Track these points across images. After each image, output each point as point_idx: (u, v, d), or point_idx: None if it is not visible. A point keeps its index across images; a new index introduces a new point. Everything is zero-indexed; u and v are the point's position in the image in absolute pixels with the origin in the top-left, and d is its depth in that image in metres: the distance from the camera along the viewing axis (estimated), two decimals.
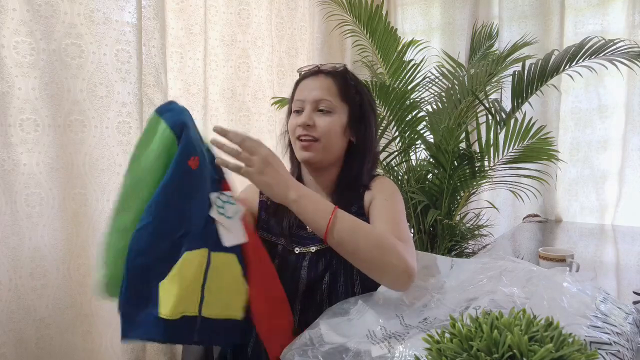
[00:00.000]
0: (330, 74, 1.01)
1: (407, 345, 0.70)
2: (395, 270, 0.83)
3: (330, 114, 0.98)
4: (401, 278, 0.84)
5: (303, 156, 0.99)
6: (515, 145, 1.75)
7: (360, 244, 0.84)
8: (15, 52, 1.29)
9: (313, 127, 0.97)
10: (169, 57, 1.70)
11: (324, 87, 0.99)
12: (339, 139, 1.00)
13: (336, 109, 0.99)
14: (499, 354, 0.49)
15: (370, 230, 0.88)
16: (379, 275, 0.86)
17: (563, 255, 1.23)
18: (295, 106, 1.01)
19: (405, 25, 2.73)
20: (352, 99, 1.01)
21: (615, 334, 0.68)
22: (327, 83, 1.00)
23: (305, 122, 0.96)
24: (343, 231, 0.84)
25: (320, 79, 1.00)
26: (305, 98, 0.99)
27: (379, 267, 0.85)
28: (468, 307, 0.74)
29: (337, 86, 1.00)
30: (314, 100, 0.98)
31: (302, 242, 1.00)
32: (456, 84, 1.87)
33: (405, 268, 0.83)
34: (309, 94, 0.99)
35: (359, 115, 1.02)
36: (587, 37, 1.55)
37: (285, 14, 2.19)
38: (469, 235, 1.86)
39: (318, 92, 0.98)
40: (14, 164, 1.30)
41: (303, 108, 0.99)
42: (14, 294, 1.30)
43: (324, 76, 1.01)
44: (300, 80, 1.04)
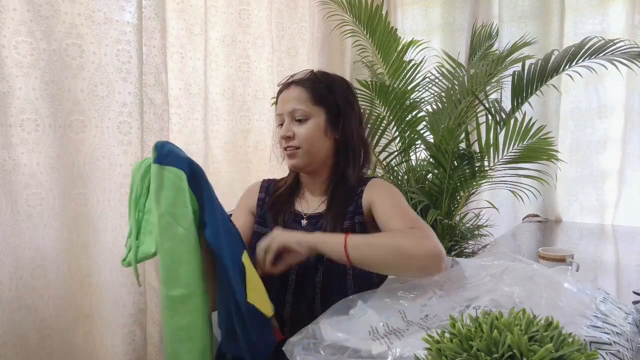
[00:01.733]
0: (299, 83, 1.07)
1: (405, 342, 0.70)
2: (421, 259, 0.86)
3: (306, 121, 1.04)
4: (429, 262, 0.86)
5: (290, 164, 1.07)
6: (515, 145, 1.75)
7: (379, 253, 0.89)
8: (15, 52, 1.29)
9: (293, 137, 1.04)
10: (170, 57, 1.70)
11: (295, 97, 1.05)
12: (322, 140, 1.05)
13: (311, 115, 1.04)
14: (499, 354, 0.49)
15: (383, 237, 0.93)
16: (410, 271, 0.89)
17: (563, 255, 1.23)
18: (277, 120, 1.09)
19: (405, 25, 2.73)
20: (324, 100, 1.06)
21: (615, 334, 0.68)
22: (297, 92, 1.05)
23: (285, 135, 1.04)
24: (360, 247, 0.89)
25: (292, 89, 1.06)
26: (282, 111, 1.06)
27: (405, 264, 0.88)
28: (469, 305, 0.75)
29: (307, 93, 1.05)
30: (289, 112, 1.05)
31: None
32: (456, 84, 1.87)
33: (428, 251, 0.86)
34: (284, 107, 1.06)
35: (335, 113, 1.07)
36: (587, 37, 1.55)
37: (285, 14, 2.19)
38: (469, 235, 1.87)
39: (291, 104, 1.05)
40: (15, 164, 1.30)
41: (283, 121, 1.06)
42: (15, 294, 1.30)
43: (294, 86, 1.07)
44: (278, 94, 1.10)
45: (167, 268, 0.76)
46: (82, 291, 1.44)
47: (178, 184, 0.76)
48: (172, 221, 0.75)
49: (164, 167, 0.76)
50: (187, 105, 1.79)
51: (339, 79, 1.12)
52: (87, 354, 1.46)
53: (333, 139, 1.07)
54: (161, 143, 0.78)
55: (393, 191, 1.05)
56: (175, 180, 0.76)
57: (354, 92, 1.13)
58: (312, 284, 1.00)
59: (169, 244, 0.76)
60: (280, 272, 0.94)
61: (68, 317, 1.41)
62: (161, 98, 1.57)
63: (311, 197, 1.12)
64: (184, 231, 0.76)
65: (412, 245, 0.87)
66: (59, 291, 1.39)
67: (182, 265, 0.76)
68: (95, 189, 1.45)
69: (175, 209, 0.76)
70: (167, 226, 0.75)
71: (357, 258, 0.88)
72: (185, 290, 0.76)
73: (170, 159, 0.77)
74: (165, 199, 0.76)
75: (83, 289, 1.45)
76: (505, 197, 2.30)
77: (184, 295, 0.76)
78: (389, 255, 0.88)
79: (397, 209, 0.99)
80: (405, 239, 0.89)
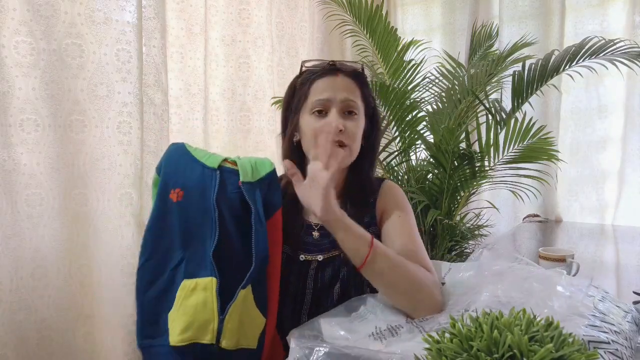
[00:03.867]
0: (349, 74, 0.95)
1: (400, 339, 0.70)
2: (425, 309, 0.81)
3: (356, 117, 0.93)
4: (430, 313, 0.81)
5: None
6: (515, 145, 1.75)
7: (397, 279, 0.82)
8: (15, 52, 1.29)
9: (343, 132, 0.89)
10: (170, 57, 1.70)
11: (348, 87, 0.92)
12: (359, 144, 0.95)
13: (359, 111, 0.94)
14: (499, 354, 0.49)
15: (408, 266, 0.84)
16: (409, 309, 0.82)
17: (563, 255, 1.23)
18: (316, 106, 0.92)
19: (406, 25, 2.73)
20: (368, 100, 0.97)
21: (614, 333, 0.68)
22: (348, 83, 0.93)
23: (338, 127, 0.88)
24: (383, 261, 0.81)
25: (341, 78, 0.93)
26: (331, 98, 0.91)
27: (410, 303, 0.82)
28: (467, 309, 0.75)
29: (357, 87, 0.94)
30: (341, 101, 0.91)
31: (307, 249, 0.97)
32: (456, 84, 1.87)
33: (435, 307, 0.82)
34: (334, 94, 0.91)
35: (372, 118, 0.98)
36: (587, 37, 1.55)
37: (285, 14, 2.19)
38: (469, 235, 1.87)
39: (345, 93, 0.92)
40: (15, 164, 1.30)
41: (327, 109, 0.92)
42: (15, 294, 1.30)
43: (343, 75, 0.94)
44: (315, 78, 0.94)
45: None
46: (82, 291, 1.44)
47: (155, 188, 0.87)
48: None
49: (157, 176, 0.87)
50: (187, 105, 1.79)
51: None
52: (87, 354, 1.45)
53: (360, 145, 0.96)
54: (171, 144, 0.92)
55: (405, 205, 0.98)
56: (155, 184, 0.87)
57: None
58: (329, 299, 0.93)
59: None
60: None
61: (68, 317, 1.41)
62: (161, 98, 1.57)
63: None
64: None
65: (427, 294, 0.82)
66: (59, 291, 1.39)
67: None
68: (95, 189, 1.45)
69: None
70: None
71: (372, 269, 0.80)
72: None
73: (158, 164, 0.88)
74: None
75: (83, 289, 1.44)
76: (505, 197, 2.30)
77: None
78: (404, 287, 0.82)
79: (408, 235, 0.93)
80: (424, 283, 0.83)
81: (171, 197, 0.83)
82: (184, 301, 0.79)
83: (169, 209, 0.84)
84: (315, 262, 0.95)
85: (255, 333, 0.84)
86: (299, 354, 0.65)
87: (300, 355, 0.65)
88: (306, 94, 0.94)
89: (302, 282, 0.95)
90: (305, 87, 0.95)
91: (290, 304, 0.95)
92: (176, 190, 0.84)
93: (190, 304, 0.79)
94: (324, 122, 0.91)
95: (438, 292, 0.84)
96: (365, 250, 0.80)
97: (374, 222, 0.98)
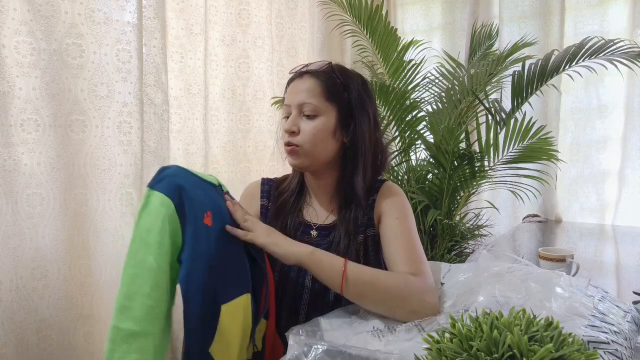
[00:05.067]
0: (314, 74, 0.96)
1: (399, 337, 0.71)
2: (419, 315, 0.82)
3: (315, 118, 0.94)
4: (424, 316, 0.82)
5: (290, 162, 0.97)
6: (515, 145, 1.75)
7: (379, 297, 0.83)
8: (16, 52, 1.29)
9: (297, 133, 0.94)
10: (170, 57, 1.70)
11: (308, 89, 0.94)
12: (327, 142, 0.95)
13: (322, 112, 0.94)
14: (499, 354, 0.49)
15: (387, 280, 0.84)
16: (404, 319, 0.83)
17: (563, 255, 1.23)
18: (283, 111, 0.99)
19: (406, 25, 2.73)
20: (338, 98, 0.96)
21: (614, 333, 0.68)
22: (310, 84, 0.95)
23: (289, 129, 0.94)
24: (360, 284, 0.83)
25: (305, 80, 0.96)
26: (291, 103, 0.96)
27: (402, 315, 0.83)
28: (467, 309, 0.75)
29: (322, 87, 0.95)
30: (297, 105, 0.95)
31: None
32: (456, 84, 1.87)
33: (429, 311, 0.82)
34: (293, 98, 0.96)
35: (347, 113, 0.97)
36: (587, 37, 1.55)
37: (285, 14, 2.19)
38: (469, 235, 1.86)
39: (302, 96, 0.94)
40: (15, 164, 1.30)
41: (290, 113, 0.96)
42: (15, 294, 1.30)
43: (309, 76, 0.96)
44: (289, 82, 1.00)
45: (123, 296, 0.69)
46: (82, 291, 1.44)
47: (159, 211, 0.70)
48: (141, 246, 0.69)
49: (153, 191, 0.72)
50: (187, 105, 1.79)
51: (356, 76, 1.01)
52: (87, 354, 1.46)
53: (341, 142, 0.97)
54: (165, 167, 0.76)
55: (404, 209, 0.97)
56: (158, 206, 0.71)
57: (370, 92, 1.02)
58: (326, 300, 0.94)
59: (132, 270, 0.69)
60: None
61: (68, 317, 1.41)
62: (161, 98, 1.57)
63: (318, 204, 1.03)
64: (153, 262, 0.69)
65: (416, 300, 0.83)
66: (59, 291, 1.39)
67: (139, 297, 0.68)
68: (96, 189, 1.45)
69: (149, 235, 0.69)
70: (135, 250, 0.70)
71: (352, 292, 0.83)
72: (136, 326, 0.68)
73: (162, 184, 0.73)
74: (143, 222, 0.71)
75: (83, 289, 1.45)
76: (505, 197, 2.30)
77: (132, 332, 0.68)
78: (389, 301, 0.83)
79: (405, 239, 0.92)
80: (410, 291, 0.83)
81: (206, 223, 0.75)
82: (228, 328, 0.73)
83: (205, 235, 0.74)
84: None
85: (259, 335, 0.85)
86: (297, 351, 0.65)
87: (299, 352, 0.65)
88: (283, 100, 1.01)
89: (301, 281, 0.96)
90: (284, 93, 1.01)
91: (288, 303, 0.96)
92: (208, 214, 0.76)
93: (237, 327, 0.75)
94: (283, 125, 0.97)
95: (430, 296, 0.84)
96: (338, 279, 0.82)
97: (372, 224, 0.98)
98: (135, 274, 0.69)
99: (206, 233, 0.74)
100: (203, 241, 0.73)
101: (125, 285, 0.69)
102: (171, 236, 0.71)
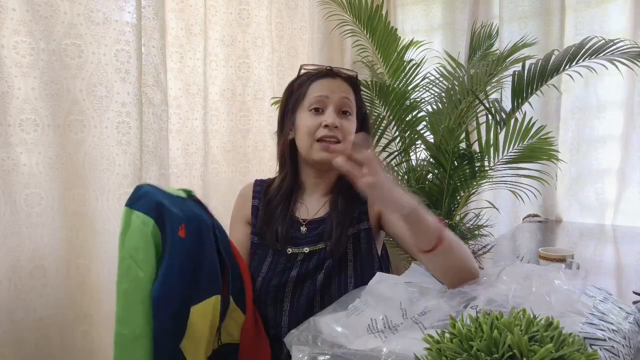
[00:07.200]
0: (347, 79, 1.02)
1: (399, 340, 0.70)
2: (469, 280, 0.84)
3: (351, 117, 1.00)
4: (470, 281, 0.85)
5: (324, 157, 0.96)
6: (515, 145, 1.75)
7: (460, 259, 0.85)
8: (14, 52, 1.28)
9: (339, 128, 0.95)
10: (169, 57, 1.70)
11: (344, 89, 0.99)
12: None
13: (353, 113, 1.01)
14: (499, 354, 0.49)
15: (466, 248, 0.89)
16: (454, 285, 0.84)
17: (563, 255, 1.23)
18: (313, 103, 0.98)
19: (406, 25, 2.72)
20: (360, 105, 1.04)
21: (611, 331, 0.68)
22: (345, 86, 1.00)
23: (334, 123, 0.94)
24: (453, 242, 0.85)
25: (339, 82, 1.01)
26: (329, 95, 0.97)
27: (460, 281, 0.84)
28: (467, 305, 0.74)
29: (352, 92, 1.02)
30: (339, 99, 0.97)
31: (295, 243, 1.00)
32: (456, 84, 1.87)
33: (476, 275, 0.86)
34: (332, 93, 0.97)
35: (362, 121, 1.04)
36: (587, 37, 1.55)
37: (285, 14, 2.19)
38: (469, 235, 1.86)
39: (342, 93, 0.98)
40: (14, 164, 1.30)
41: (325, 106, 0.97)
42: (14, 293, 1.30)
43: (341, 80, 1.01)
44: (315, 78, 1.01)
45: (122, 308, 0.77)
46: (80, 291, 1.44)
47: (143, 230, 0.76)
48: (132, 264, 0.76)
49: (132, 210, 0.77)
50: (187, 105, 1.79)
51: None
52: (86, 353, 1.45)
53: None
54: (139, 186, 0.80)
55: None
56: (141, 225, 0.77)
57: None
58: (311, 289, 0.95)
59: (127, 286, 0.77)
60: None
61: (67, 317, 1.41)
62: (160, 98, 1.57)
63: (310, 200, 1.05)
64: (144, 275, 0.76)
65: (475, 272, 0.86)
66: (58, 291, 1.39)
67: (137, 306, 0.76)
68: (94, 189, 1.45)
69: (137, 253, 0.76)
70: (127, 269, 0.76)
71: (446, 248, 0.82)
72: (138, 329, 0.76)
73: (140, 203, 0.78)
74: (129, 242, 0.77)
75: (82, 289, 1.44)
76: (505, 197, 2.30)
77: (135, 335, 0.77)
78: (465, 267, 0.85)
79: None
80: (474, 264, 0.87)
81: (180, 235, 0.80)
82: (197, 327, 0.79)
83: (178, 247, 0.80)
84: (302, 254, 0.98)
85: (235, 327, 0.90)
86: None
87: None
88: (304, 93, 1.00)
89: (287, 272, 0.97)
90: (303, 87, 1.01)
91: (272, 292, 0.97)
92: (182, 227, 0.81)
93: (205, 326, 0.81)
94: (322, 118, 0.96)
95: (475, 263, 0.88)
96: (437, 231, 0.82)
97: (365, 218, 1.01)
98: (129, 288, 0.77)
99: (180, 245, 0.79)
100: (177, 254, 0.79)
101: (122, 299, 0.77)
102: (156, 251, 0.78)
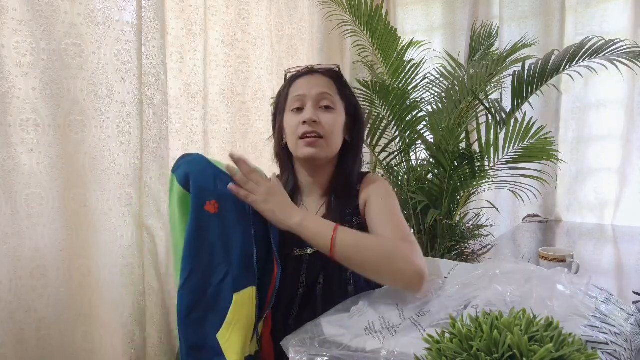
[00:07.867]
0: (326, 73, 1.01)
1: (397, 340, 0.70)
2: (405, 275, 0.84)
3: (332, 111, 0.98)
4: (413, 280, 0.83)
5: (308, 153, 0.97)
6: (515, 145, 1.75)
7: (367, 257, 0.85)
8: (15, 52, 1.28)
9: (318, 123, 0.95)
10: (169, 57, 1.70)
11: (323, 84, 0.99)
12: (339, 136, 1.00)
13: (336, 106, 0.99)
14: (499, 354, 0.49)
15: (374, 241, 0.89)
16: (391, 282, 0.86)
17: (563, 255, 1.23)
18: (293, 103, 0.99)
19: (406, 25, 2.73)
20: (346, 99, 1.02)
21: (614, 334, 0.68)
22: (325, 81, 1.00)
23: (311, 118, 0.95)
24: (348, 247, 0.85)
25: (317, 77, 1.00)
26: (307, 93, 0.97)
27: (389, 275, 0.85)
28: (467, 305, 0.74)
29: (334, 85, 1.00)
30: (316, 95, 0.97)
31: (299, 245, 0.99)
32: (456, 84, 1.87)
33: (415, 270, 0.83)
34: (309, 89, 0.98)
35: (354, 115, 1.03)
36: (587, 37, 1.55)
37: (285, 14, 2.19)
38: (469, 236, 1.86)
39: (320, 88, 0.98)
40: (14, 164, 1.30)
41: (303, 104, 0.98)
42: (14, 294, 1.30)
43: (319, 75, 1.01)
44: (294, 79, 1.02)
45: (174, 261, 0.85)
46: (81, 291, 1.44)
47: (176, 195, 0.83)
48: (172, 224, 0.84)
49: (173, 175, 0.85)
50: (187, 105, 1.79)
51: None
52: (87, 353, 1.45)
53: (343, 139, 1.02)
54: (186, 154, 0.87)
55: (387, 191, 1.01)
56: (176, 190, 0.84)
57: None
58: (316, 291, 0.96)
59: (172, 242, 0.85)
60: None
61: (67, 317, 1.41)
62: (160, 98, 1.57)
63: (310, 201, 1.05)
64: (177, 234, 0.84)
65: (402, 259, 0.84)
66: (59, 291, 1.39)
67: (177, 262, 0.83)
68: (95, 189, 1.45)
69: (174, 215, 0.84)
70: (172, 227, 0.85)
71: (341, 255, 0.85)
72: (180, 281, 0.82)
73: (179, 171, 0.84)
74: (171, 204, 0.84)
75: (82, 289, 1.44)
76: (505, 197, 2.30)
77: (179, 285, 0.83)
78: (376, 261, 0.84)
79: (390, 214, 0.96)
80: (396, 251, 0.85)
81: (207, 209, 0.81)
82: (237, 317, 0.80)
83: (206, 221, 0.81)
84: (306, 255, 0.98)
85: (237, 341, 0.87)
86: None
87: None
88: (286, 95, 1.02)
89: (297, 276, 0.97)
90: (285, 90, 1.03)
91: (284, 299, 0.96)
92: (212, 202, 0.82)
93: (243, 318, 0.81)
94: (301, 116, 0.97)
95: (417, 257, 0.86)
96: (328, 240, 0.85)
97: (357, 212, 1.01)
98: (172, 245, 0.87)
99: (208, 220, 0.81)
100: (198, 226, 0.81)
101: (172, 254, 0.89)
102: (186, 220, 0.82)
